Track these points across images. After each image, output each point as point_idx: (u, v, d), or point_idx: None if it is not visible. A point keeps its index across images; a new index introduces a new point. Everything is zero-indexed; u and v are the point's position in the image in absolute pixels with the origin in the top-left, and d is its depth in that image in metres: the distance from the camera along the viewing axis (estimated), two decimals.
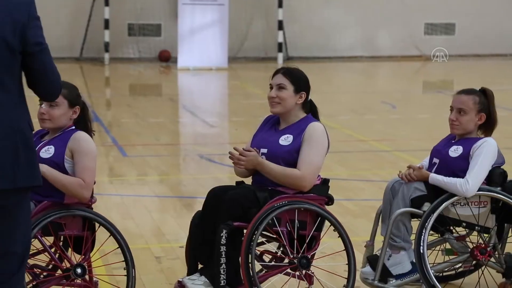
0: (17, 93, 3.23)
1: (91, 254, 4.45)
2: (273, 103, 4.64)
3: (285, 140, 4.61)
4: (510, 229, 4.90)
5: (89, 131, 4.58)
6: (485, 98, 4.84)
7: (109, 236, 4.47)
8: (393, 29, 22.08)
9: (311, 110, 4.75)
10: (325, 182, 4.67)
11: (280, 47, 21.37)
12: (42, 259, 4.55)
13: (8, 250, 3.32)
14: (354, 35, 22.05)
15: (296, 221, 4.50)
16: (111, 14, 19.74)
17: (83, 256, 4.45)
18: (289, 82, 4.64)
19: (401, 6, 21.95)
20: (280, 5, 21.12)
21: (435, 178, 4.73)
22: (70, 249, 4.45)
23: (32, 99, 3.54)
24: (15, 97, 3.23)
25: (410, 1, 21.93)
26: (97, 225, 4.47)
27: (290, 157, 4.57)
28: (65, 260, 4.44)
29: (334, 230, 4.60)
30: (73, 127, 4.52)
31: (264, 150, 4.63)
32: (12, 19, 3.18)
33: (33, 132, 3.38)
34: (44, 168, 4.29)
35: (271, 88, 4.68)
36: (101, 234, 4.49)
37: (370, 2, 21.84)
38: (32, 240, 4.28)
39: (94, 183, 4.52)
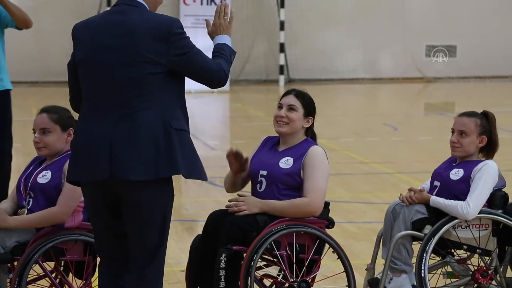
0: (158, 98, 3.76)
1: (92, 279, 4.44)
2: (280, 123, 4.65)
3: (285, 163, 4.61)
4: None
5: None
6: (486, 121, 4.85)
7: None
8: (394, 51, 22.13)
9: (311, 134, 4.76)
10: (325, 206, 4.67)
11: (281, 70, 21.41)
12: (43, 285, 4.54)
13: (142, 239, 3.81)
14: (356, 57, 22.10)
15: (296, 244, 4.50)
16: None
17: (84, 281, 4.44)
18: (300, 105, 4.66)
19: (402, 28, 22.01)
20: (281, 27, 21.20)
21: (436, 200, 4.73)
22: (71, 274, 4.45)
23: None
24: (155, 101, 3.75)
25: (412, 23, 21.99)
26: None
27: (290, 180, 4.57)
28: (66, 286, 4.43)
29: (333, 251, 4.59)
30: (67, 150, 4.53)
31: (264, 172, 4.63)
32: (152, 36, 3.74)
33: (183, 131, 3.85)
34: (11, 220, 4.34)
35: (280, 107, 4.68)
36: None
37: (371, 24, 21.91)
38: (33, 265, 4.29)
39: None
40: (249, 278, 4.37)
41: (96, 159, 3.73)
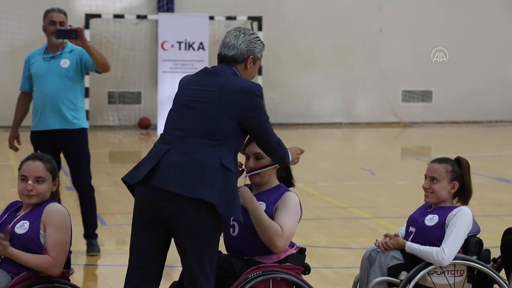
0: (221, 142, 4.27)
1: None
2: (252, 175, 4.64)
3: None
4: None
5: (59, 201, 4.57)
6: (458, 167, 4.90)
7: None
8: (371, 96, 22.32)
9: (285, 172, 4.74)
10: (301, 252, 4.67)
11: None
12: None
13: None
14: (334, 102, 22.26)
15: None
16: (91, 82, 19.85)
17: None
18: None
19: (379, 73, 22.23)
20: (259, 72, 21.34)
21: (412, 246, 4.76)
22: None
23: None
24: (216, 143, 4.26)
25: (388, 69, 22.22)
26: None
27: None
28: None
29: None
30: (47, 199, 4.50)
31: None
32: (234, 90, 4.32)
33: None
34: (9, 250, 4.28)
35: (247, 157, 4.68)
36: None
37: (349, 70, 22.11)
38: None
39: (71, 252, 4.50)
40: None
41: (144, 167, 4.26)
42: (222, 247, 4.73)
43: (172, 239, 4.36)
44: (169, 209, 4.21)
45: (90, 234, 7.70)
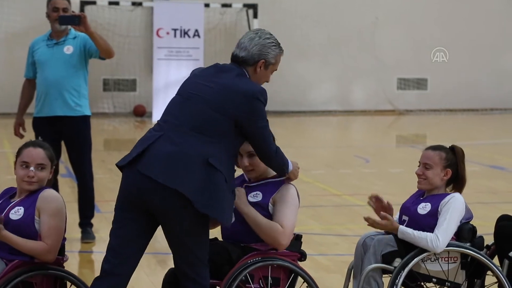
0: (213, 140, 4.20)
1: None
2: (247, 171, 4.64)
3: (253, 197, 4.61)
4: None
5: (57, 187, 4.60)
6: (452, 155, 4.92)
7: None
8: (366, 84, 22.33)
9: None
10: (297, 238, 4.68)
11: None
12: None
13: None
14: (329, 90, 22.26)
15: (270, 277, 4.51)
16: None
17: None
18: None
19: (374, 61, 22.23)
20: None
21: (405, 230, 4.78)
22: None
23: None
24: (208, 140, 4.19)
25: (383, 57, 22.22)
26: (68, 283, 4.45)
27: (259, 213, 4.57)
28: None
29: (307, 287, 4.61)
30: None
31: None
32: (237, 92, 4.25)
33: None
34: (5, 234, 4.29)
35: (241, 155, 4.61)
36: None
37: (344, 58, 22.10)
38: None
39: (65, 239, 4.51)
40: None
41: (134, 150, 4.24)
42: (219, 235, 4.75)
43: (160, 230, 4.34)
44: (151, 196, 4.17)
45: (86, 223, 7.70)
